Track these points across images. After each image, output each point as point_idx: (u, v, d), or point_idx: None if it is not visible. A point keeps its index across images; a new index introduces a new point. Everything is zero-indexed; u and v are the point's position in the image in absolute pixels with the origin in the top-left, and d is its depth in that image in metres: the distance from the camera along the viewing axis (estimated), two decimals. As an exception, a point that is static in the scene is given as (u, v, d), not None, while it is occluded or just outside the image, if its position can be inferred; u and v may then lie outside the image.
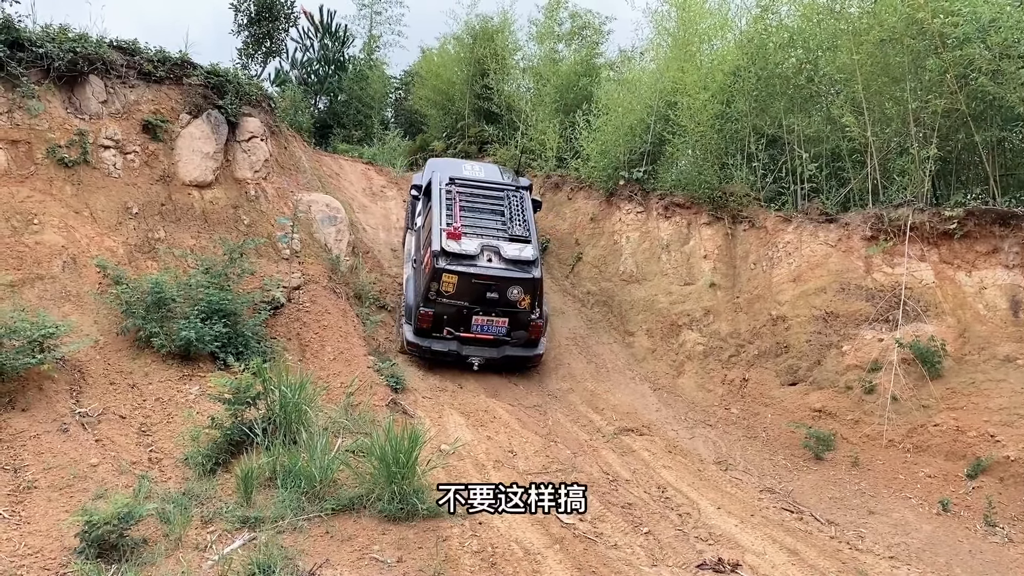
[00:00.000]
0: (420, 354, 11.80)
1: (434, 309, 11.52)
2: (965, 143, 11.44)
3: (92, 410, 8.85)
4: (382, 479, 7.41)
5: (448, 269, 11.34)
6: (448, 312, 11.52)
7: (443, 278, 11.34)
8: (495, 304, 11.57)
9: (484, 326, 11.70)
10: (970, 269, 10.75)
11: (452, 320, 11.58)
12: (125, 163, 11.55)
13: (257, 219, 12.55)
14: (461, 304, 11.51)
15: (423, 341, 11.69)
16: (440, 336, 11.68)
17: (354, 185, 16.85)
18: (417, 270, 12.29)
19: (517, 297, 11.57)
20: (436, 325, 11.61)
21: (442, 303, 11.48)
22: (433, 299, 11.47)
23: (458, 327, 11.68)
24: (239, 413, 8.38)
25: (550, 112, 18.13)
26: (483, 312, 11.61)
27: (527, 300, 11.63)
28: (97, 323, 9.90)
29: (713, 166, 13.77)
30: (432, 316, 11.54)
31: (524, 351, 11.98)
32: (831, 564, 7.36)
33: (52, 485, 7.63)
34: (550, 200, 17.04)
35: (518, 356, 12.00)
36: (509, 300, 11.56)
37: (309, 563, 6.24)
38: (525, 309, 11.68)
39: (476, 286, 11.44)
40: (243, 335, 10.42)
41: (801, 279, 12.01)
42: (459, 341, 11.71)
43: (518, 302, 11.61)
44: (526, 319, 11.75)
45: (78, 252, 10.36)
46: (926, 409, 10.00)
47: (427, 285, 11.43)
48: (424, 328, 11.63)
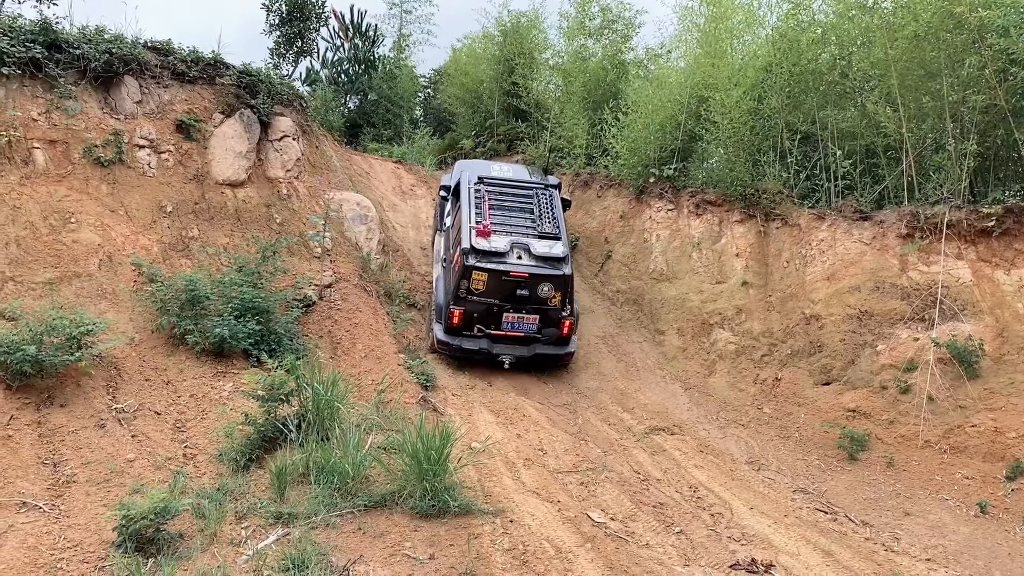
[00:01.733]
0: (451, 353, 11.76)
1: (464, 307, 11.48)
2: (1004, 139, 11.23)
3: (128, 406, 8.97)
4: (414, 476, 7.44)
5: (478, 267, 11.32)
6: (478, 310, 11.48)
7: (473, 275, 11.32)
8: (525, 301, 11.52)
9: (515, 323, 11.63)
10: (1009, 267, 10.56)
11: (482, 318, 11.54)
12: (159, 162, 11.69)
13: (289, 218, 12.65)
14: (491, 302, 11.47)
15: (453, 340, 11.64)
16: (471, 334, 11.62)
17: (384, 184, 16.94)
18: (447, 269, 12.25)
19: (548, 294, 11.49)
20: (466, 323, 11.56)
21: (472, 301, 11.44)
22: (463, 297, 11.43)
23: (488, 325, 11.61)
24: (272, 410, 8.46)
25: (578, 109, 18.07)
26: (514, 309, 11.54)
27: (558, 297, 11.56)
28: (133, 320, 10.04)
29: (745, 163, 13.64)
30: (463, 314, 11.49)
31: (555, 349, 11.88)
32: (866, 566, 7.26)
33: (90, 480, 7.75)
34: (579, 198, 16.99)
35: (549, 354, 11.88)
36: (540, 297, 11.50)
37: (342, 559, 6.28)
38: (556, 306, 11.61)
39: (506, 283, 11.40)
40: (276, 333, 10.51)
41: (835, 277, 11.87)
42: (489, 339, 11.64)
43: (548, 299, 11.53)
44: (557, 316, 11.68)
45: (114, 250, 10.51)
46: (963, 410, 9.83)
47: (457, 283, 11.41)
48: (454, 326, 11.59)
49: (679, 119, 14.88)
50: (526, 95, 20.71)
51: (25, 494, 7.42)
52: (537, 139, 20.12)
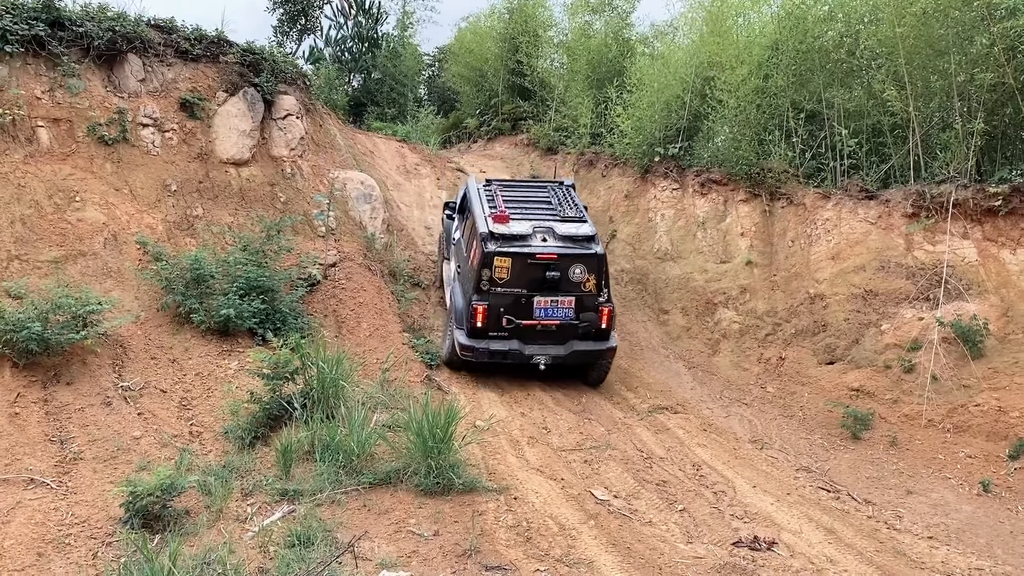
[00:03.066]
0: (476, 358, 10.41)
1: (488, 301, 10.23)
2: (1011, 118, 11.15)
3: (134, 384, 9.02)
4: (418, 454, 7.49)
5: (501, 252, 10.18)
6: (504, 303, 10.24)
7: (495, 263, 10.16)
8: (556, 289, 10.33)
9: (548, 309, 10.38)
10: (1015, 247, 10.53)
11: (510, 312, 10.31)
12: (163, 141, 11.68)
13: (293, 197, 12.64)
14: (518, 292, 10.26)
15: (479, 342, 10.33)
16: (498, 335, 10.36)
17: (388, 163, 16.89)
18: (462, 274, 11.11)
19: (580, 277, 10.33)
20: (493, 321, 10.28)
21: (497, 293, 10.23)
22: (486, 290, 10.22)
23: (518, 320, 10.41)
24: (278, 388, 8.51)
25: (583, 88, 17.99)
26: (546, 293, 10.32)
27: (591, 280, 10.39)
28: (138, 299, 10.07)
29: (751, 142, 13.58)
30: (487, 310, 10.24)
31: (594, 344, 10.60)
32: (868, 543, 7.30)
33: (97, 457, 7.82)
34: (584, 178, 16.94)
35: (588, 351, 10.60)
36: (572, 282, 10.32)
37: (347, 535, 6.33)
38: (590, 292, 10.43)
39: (533, 268, 10.22)
40: (281, 311, 10.54)
41: (840, 257, 11.84)
42: (520, 339, 10.38)
43: (582, 283, 10.37)
44: (593, 303, 10.47)
45: (119, 229, 10.52)
46: (967, 389, 9.84)
47: (477, 276, 10.22)
48: (479, 326, 10.29)
49: (684, 98, 14.80)
50: (531, 73, 20.61)
51: (32, 471, 7.49)
52: (541, 118, 20.04)
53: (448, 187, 16.65)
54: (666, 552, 6.63)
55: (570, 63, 19.37)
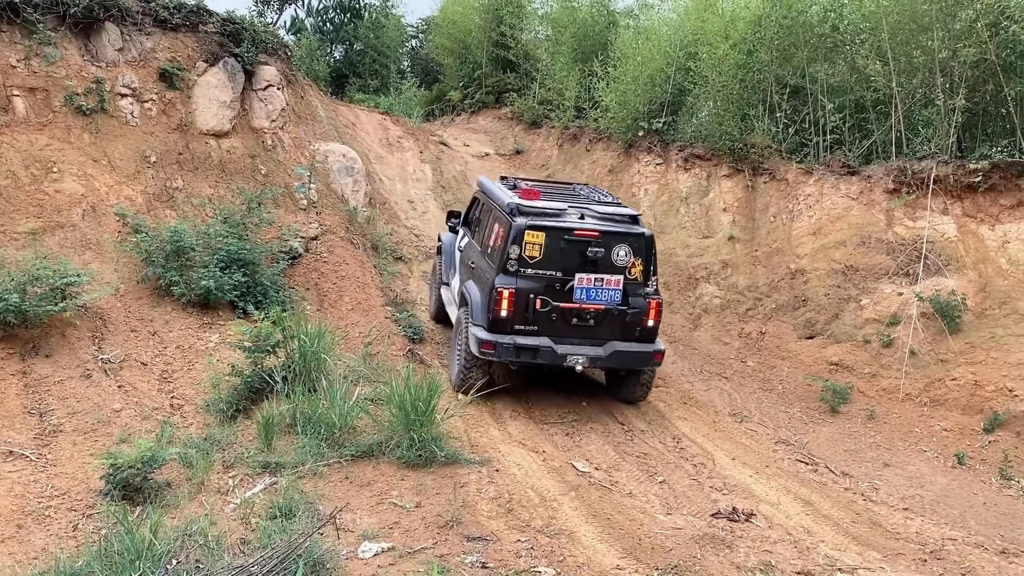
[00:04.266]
0: (499, 355, 8.62)
1: (516, 285, 8.57)
2: (993, 94, 11.21)
3: (114, 357, 8.97)
4: (401, 427, 7.51)
5: (534, 226, 8.59)
6: (535, 289, 8.58)
7: (526, 238, 8.54)
8: (593, 270, 8.74)
9: (590, 290, 8.68)
10: (993, 223, 10.63)
11: (544, 302, 8.62)
12: (142, 111, 11.52)
13: (274, 169, 12.53)
14: (552, 276, 8.62)
15: (503, 337, 8.57)
16: (525, 328, 8.68)
17: (370, 135, 16.75)
18: (477, 267, 9.43)
19: (625, 261, 8.73)
20: (519, 310, 8.61)
21: (526, 276, 8.60)
22: (514, 271, 8.59)
23: (551, 313, 8.66)
24: (259, 361, 8.49)
25: (568, 61, 17.88)
26: (589, 270, 8.69)
27: (638, 266, 8.82)
28: (117, 271, 9.98)
29: (734, 117, 13.57)
30: (514, 295, 8.55)
31: (639, 345, 8.94)
32: (845, 515, 7.41)
33: (77, 429, 7.79)
34: (568, 152, 16.91)
35: (632, 353, 8.91)
36: (616, 266, 8.70)
37: (329, 507, 6.34)
38: (636, 279, 8.83)
39: (571, 247, 8.63)
40: (262, 284, 10.49)
41: (821, 232, 11.91)
42: (552, 335, 8.72)
43: (627, 268, 8.76)
44: (640, 293, 8.90)
45: (97, 200, 10.41)
46: (944, 363, 9.97)
47: (503, 255, 8.62)
48: (503, 316, 8.58)
49: (668, 72, 14.75)
50: (515, 46, 20.44)
51: (11, 443, 7.46)
52: (526, 91, 19.92)
53: (431, 160, 16.56)
54: (646, 523, 6.70)
55: (555, 35, 19.23)
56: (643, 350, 8.95)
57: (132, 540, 5.25)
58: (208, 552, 5.47)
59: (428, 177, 16.05)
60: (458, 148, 17.75)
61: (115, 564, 5.15)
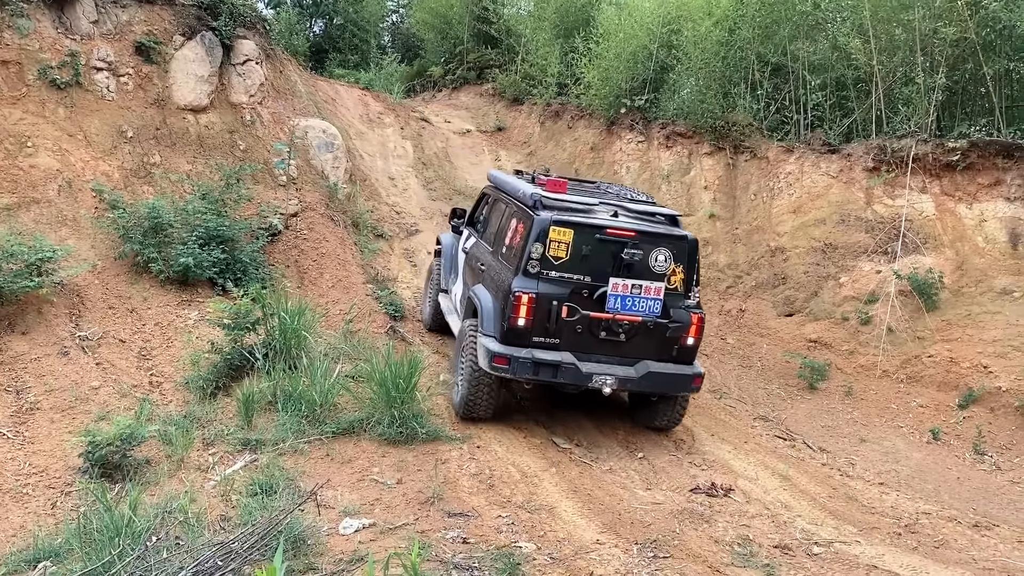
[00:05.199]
0: (515, 372, 7.34)
1: (537, 289, 7.32)
2: (972, 73, 11.27)
3: (92, 334, 8.90)
4: (382, 404, 7.50)
5: (561, 221, 7.38)
6: (559, 295, 7.35)
7: (551, 235, 7.33)
8: (628, 276, 7.46)
9: (626, 298, 7.41)
10: (971, 201, 10.72)
11: (570, 311, 7.37)
12: (118, 85, 11.34)
13: (253, 144, 12.39)
14: (580, 280, 7.40)
15: (519, 350, 7.33)
16: (546, 341, 7.42)
17: (351, 111, 16.60)
18: (488, 271, 8.18)
19: (664, 268, 7.53)
20: (539, 319, 7.35)
21: (550, 279, 7.37)
22: (535, 272, 7.36)
23: (576, 325, 7.41)
24: (239, 338, 8.45)
25: (550, 37, 17.76)
26: (624, 275, 7.42)
27: (680, 274, 7.63)
28: (94, 248, 9.87)
29: (716, 95, 13.56)
30: (535, 301, 7.30)
31: (676, 367, 7.69)
32: (822, 489, 7.51)
33: (54, 407, 7.73)
34: (550, 129, 16.85)
35: (669, 375, 7.64)
36: (654, 273, 7.49)
37: (310, 484, 6.34)
38: (676, 289, 7.64)
39: (603, 247, 7.40)
40: (241, 261, 10.41)
41: (801, 210, 11.97)
42: (576, 350, 7.47)
43: (666, 275, 7.55)
44: (680, 306, 7.66)
45: (73, 176, 10.26)
46: (921, 340, 10.08)
47: (522, 254, 7.42)
48: (520, 326, 7.32)
49: (651, 49, 14.70)
50: (497, 21, 20.27)
51: (-12, 421, 7.39)
52: (508, 67, 19.79)
53: (412, 137, 16.44)
54: (625, 498, 6.76)
55: (537, 11, 19.07)
56: (681, 372, 7.69)
57: (111, 517, 5.23)
58: (188, 529, 5.47)
59: (409, 154, 15.95)
60: (439, 124, 17.63)
61: (94, 541, 5.13)
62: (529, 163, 16.24)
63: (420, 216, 13.86)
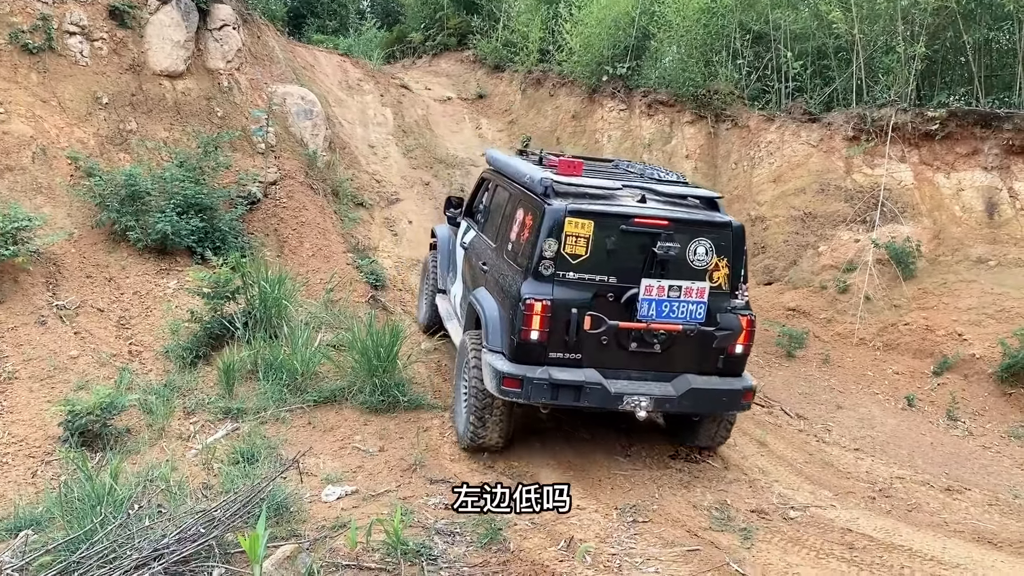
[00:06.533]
0: (528, 396, 6.12)
1: (552, 295, 6.11)
2: (953, 42, 11.30)
3: (70, 303, 8.82)
4: (363, 372, 7.52)
5: (579, 210, 6.14)
6: (580, 301, 6.14)
7: (568, 228, 6.11)
8: (663, 276, 6.19)
9: (663, 302, 6.14)
10: (949, 171, 10.81)
11: (594, 321, 6.13)
12: (92, 51, 11.13)
13: (231, 111, 12.23)
14: (604, 282, 6.19)
15: (534, 370, 6.12)
16: (565, 357, 6.22)
17: (329, 78, 16.40)
18: (491, 272, 6.99)
19: (705, 262, 6.30)
20: (557, 330, 6.13)
21: (567, 282, 6.15)
22: (549, 274, 6.14)
23: (602, 337, 6.20)
24: (219, 307, 8.42)
25: (532, 2, 17.58)
26: (659, 274, 6.18)
27: (724, 268, 6.41)
28: (71, 216, 9.75)
29: (698, 63, 13.51)
30: (549, 309, 6.08)
31: (722, 382, 6.49)
32: (798, 455, 7.62)
33: (33, 376, 7.68)
34: (531, 97, 16.73)
35: (714, 392, 6.45)
36: (692, 268, 6.27)
37: (292, 452, 6.36)
38: (721, 287, 6.40)
39: (631, 240, 6.19)
40: (220, 230, 10.32)
41: (781, 179, 12.01)
42: (602, 366, 6.27)
43: (707, 270, 6.33)
44: (726, 308, 6.42)
45: (48, 143, 10.10)
46: (897, 309, 10.20)
47: (533, 253, 6.18)
48: (534, 340, 6.12)
49: (633, 15, 14.59)
50: (478, -14, 20.02)
51: (-34, 391, 7.34)
52: (490, 34, 19.59)
53: (392, 104, 16.27)
54: (605, 464, 6.83)
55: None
56: (729, 388, 6.48)
57: (92, 486, 5.23)
58: (170, 497, 5.49)
59: (389, 121, 15.80)
60: (420, 91, 17.46)
61: (75, 510, 5.13)
62: (511, 131, 16.18)
63: (401, 185, 13.77)
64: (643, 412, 6.30)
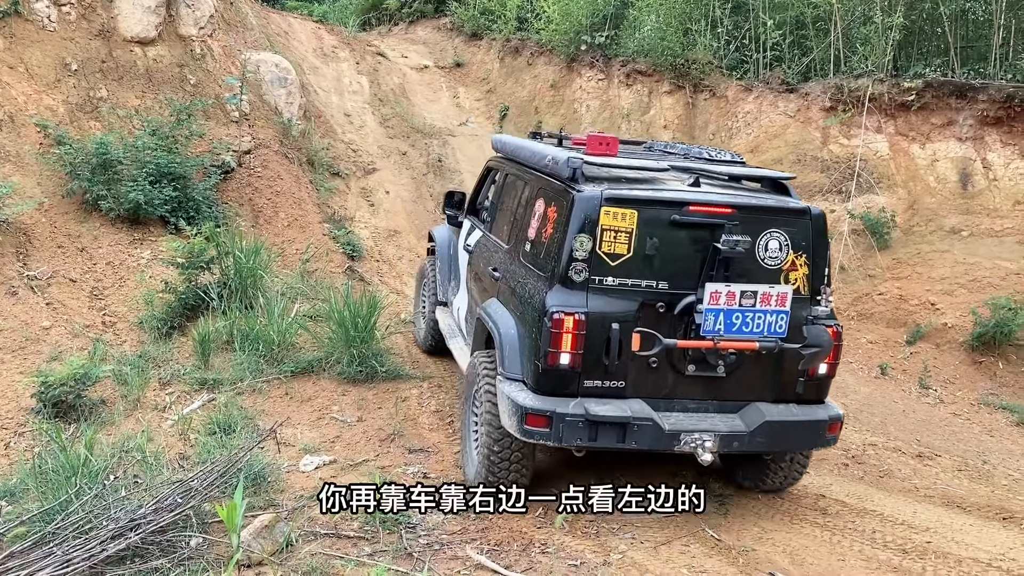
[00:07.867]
0: (559, 438, 4.88)
1: (587, 307, 4.89)
2: (930, 13, 11.32)
3: (41, 273, 8.68)
4: (341, 343, 7.49)
5: (618, 197, 4.95)
6: (623, 313, 4.94)
7: (604, 220, 4.90)
8: (727, 278, 4.98)
9: (733, 313, 4.93)
10: (924, 141, 10.88)
11: (645, 339, 4.94)
12: (60, 16, 10.86)
13: (204, 79, 12.01)
14: (650, 288, 4.98)
15: (564, 404, 4.91)
16: (604, 385, 5.01)
17: (304, 45, 16.17)
18: (505, 280, 5.75)
19: (778, 259, 5.16)
20: (593, 352, 4.92)
21: (606, 289, 4.94)
22: (581, 280, 4.92)
23: (649, 361, 5.03)
24: (193, 277, 8.34)
25: (511, -31, 17.38)
26: (722, 277, 4.96)
27: (803, 267, 5.25)
28: (41, 185, 9.56)
29: (676, 32, 13.45)
30: (584, 326, 4.86)
31: (801, 411, 5.26)
32: (773, 423, 7.70)
33: (4, 347, 7.58)
34: (509, 66, 16.58)
35: (794, 425, 5.21)
36: (763, 267, 5.13)
37: (269, 423, 6.35)
38: (799, 291, 5.18)
39: (686, 235, 5.03)
40: (194, 199, 10.17)
41: (759, 150, 12.02)
42: (651, 395, 5.09)
43: (781, 270, 5.18)
44: (807, 318, 5.20)
45: (15, 110, 9.88)
46: (872, 278, 10.30)
47: (560, 255, 4.95)
48: (564, 366, 4.91)
49: (611, -17, 14.49)
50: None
51: (-65, 362, 7.23)
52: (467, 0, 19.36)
53: (368, 72, 16.08)
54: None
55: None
56: (812, 419, 5.25)
57: (67, 457, 5.19)
58: (146, 467, 5.46)
59: (365, 89, 15.62)
60: (396, 59, 17.26)
61: (50, 481, 5.10)
62: (488, 100, 16.06)
63: (377, 154, 13.65)
64: (708, 455, 5.01)
